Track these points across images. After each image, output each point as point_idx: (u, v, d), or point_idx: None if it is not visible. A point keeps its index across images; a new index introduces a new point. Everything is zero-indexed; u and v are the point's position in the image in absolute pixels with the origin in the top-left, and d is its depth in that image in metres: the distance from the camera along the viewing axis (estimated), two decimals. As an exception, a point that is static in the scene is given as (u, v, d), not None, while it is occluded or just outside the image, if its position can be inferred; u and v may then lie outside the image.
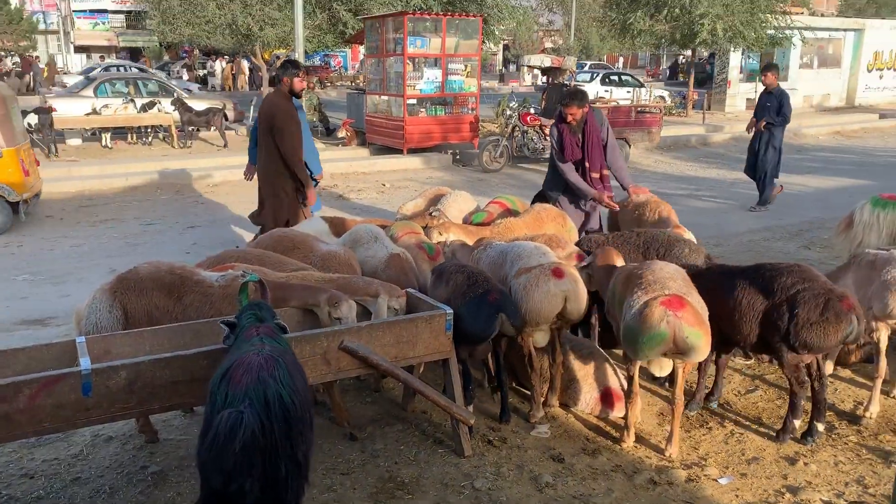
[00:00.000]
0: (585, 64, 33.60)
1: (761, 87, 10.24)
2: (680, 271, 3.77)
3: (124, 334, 3.42)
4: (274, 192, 6.24)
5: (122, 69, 26.41)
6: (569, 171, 6.09)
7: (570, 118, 5.99)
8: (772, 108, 9.78)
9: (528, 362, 4.07)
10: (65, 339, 3.66)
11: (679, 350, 3.45)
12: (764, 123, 9.80)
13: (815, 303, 3.56)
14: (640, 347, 3.51)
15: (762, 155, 9.96)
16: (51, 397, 2.86)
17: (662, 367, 3.65)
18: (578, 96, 6.07)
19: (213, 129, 16.21)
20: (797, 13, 24.04)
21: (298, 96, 6.24)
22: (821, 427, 3.89)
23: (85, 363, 2.96)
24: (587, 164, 6.07)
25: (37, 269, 7.48)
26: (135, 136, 16.29)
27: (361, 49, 20.61)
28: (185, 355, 3.09)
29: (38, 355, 3.28)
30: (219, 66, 34.20)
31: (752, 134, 10.20)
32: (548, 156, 14.18)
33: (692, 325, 3.40)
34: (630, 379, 3.77)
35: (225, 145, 15.78)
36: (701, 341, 3.42)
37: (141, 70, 26.86)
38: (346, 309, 3.61)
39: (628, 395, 3.82)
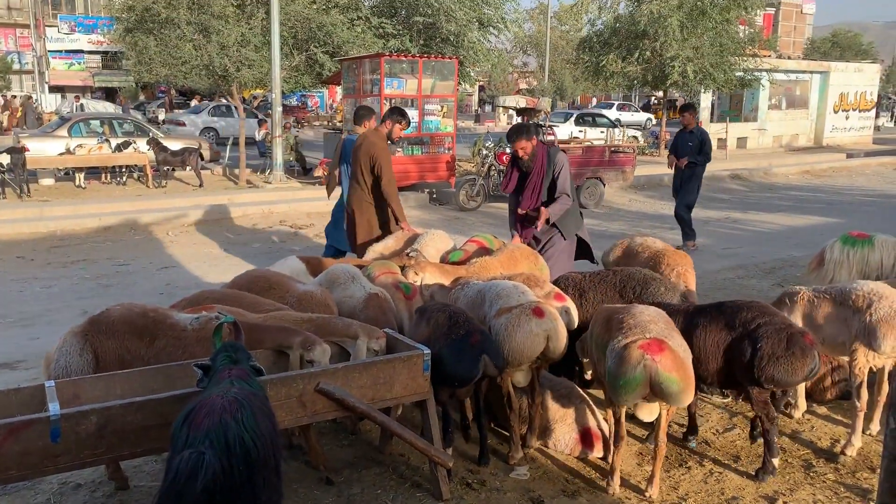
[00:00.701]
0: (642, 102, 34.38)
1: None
2: (661, 314, 3.77)
3: (95, 378, 3.34)
4: (358, 221, 6.77)
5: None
6: (509, 201, 6.53)
7: (521, 153, 6.11)
8: (693, 148, 9.83)
9: (507, 402, 4.04)
10: (34, 383, 3.57)
11: (656, 394, 3.44)
12: (686, 161, 9.86)
13: (779, 337, 3.64)
14: (618, 391, 3.50)
15: (682, 191, 9.99)
16: (18, 444, 2.78)
17: (650, 412, 3.63)
18: (522, 130, 6.16)
19: (188, 168, 16.16)
20: (765, 56, 24.68)
21: (394, 142, 6.78)
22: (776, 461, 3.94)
23: (53, 408, 2.88)
24: (520, 198, 6.29)
25: (5, 311, 7.33)
26: (108, 175, 16.17)
27: (338, 89, 20.79)
28: (158, 399, 3.03)
29: (6, 400, 3.19)
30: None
31: (672, 172, 10.29)
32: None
33: (669, 370, 3.39)
34: (616, 422, 3.73)
35: (200, 185, 15.72)
36: (677, 386, 3.40)
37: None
38: (320, 352, 3.57)
39: (615, 439, 3.76)
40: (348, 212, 6.96)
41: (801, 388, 4.60)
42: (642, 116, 38.67)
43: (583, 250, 6.56)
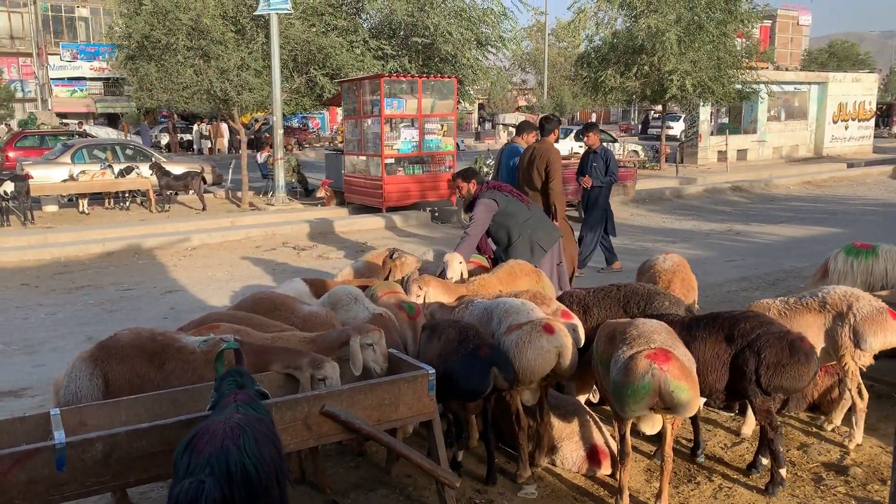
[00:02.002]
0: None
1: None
2: (664, 325, 3.77)
3: (100, 405, 3.34)
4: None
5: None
6: None
7: (457, 193, 6.57)
8: (598, 168, 9.58)
9: (516, 421, 4.02)
10: (39, 410, 3.57)
11: (665, 404, 3.42)
12: (591, 183, 9.56)
13: (781, 345, 3.69)
14: (625, 402, 3.47)
15: (587, 214, 9.79)
16: (23, 473, 2.77)
17: (653, 425, 3.61)
18: (460, 172, 6.63)
19: (191, 192, 16.23)
20: (762, 68, 24.76)
21: None
22: (765, 461, 3.97)
23: (59, 436, 2.88)
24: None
25: (10, 338, 7.34)
26: (111, 200, 16.24)
27: (339, 111, 20.91)
28: (163, 425, 3.02)
29: (11, 429, 3.19)
30: (198, 129, 34.56)
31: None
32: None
33: (678, 378, 3.37)
34: (622, 438, 3.71)
35: (203, 208, 15.78)
36: (687, 395, 3.39)
37: None
38: (330, 369, 3.56)
39: (621, 455, 3.74)
40: None
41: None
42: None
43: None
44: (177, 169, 16.74)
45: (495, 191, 6.36)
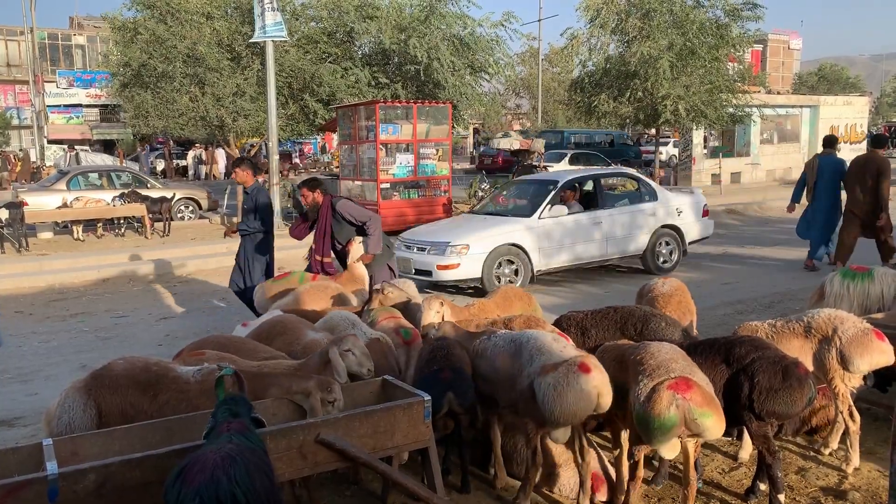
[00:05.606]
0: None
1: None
2: (677, 350, 3.74)
3: (93, 434, 3.31)
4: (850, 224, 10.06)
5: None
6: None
7: (303, 201, 7.12)
8: (248, 211, 7.80)
9: (532, 456, 3.89)
10: (32, 440, 3.53)
11: (692, 432, 3.41)
12: (235, 230, 8.12)
13: (774, 370, 3.68)
14: (652, 434, 3.43)
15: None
16: (15, 505, 2.75)
17: (674, 449, 3.57)
18: (307, 182, 7.19)
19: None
20: (754, 92, 24.96)
21: None
22: (763, 486, 3.96)
23: (51, 467, 2.86)
24: (313, 246, 7.09)
25: (3, 366, 7.28)
26: (102, 227, 16.15)
27: (334, 136, 20.99)
28: (157, 455, 3.00)
29: (3, 459, 3.16)
30: (195, 155, 34.70)
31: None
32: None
33: (701, 405, 3.36)
34: (635, 464, 3.72)
35: (159, 235, 15.73)
36: (711, 421, 3.38)
37: None
38: (339, 390, 3.57)
39: (632, 478, 3.75)
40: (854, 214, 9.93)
41: None
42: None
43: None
44: (155, 194, 16.77)
45: (344, 196, 7.13)
